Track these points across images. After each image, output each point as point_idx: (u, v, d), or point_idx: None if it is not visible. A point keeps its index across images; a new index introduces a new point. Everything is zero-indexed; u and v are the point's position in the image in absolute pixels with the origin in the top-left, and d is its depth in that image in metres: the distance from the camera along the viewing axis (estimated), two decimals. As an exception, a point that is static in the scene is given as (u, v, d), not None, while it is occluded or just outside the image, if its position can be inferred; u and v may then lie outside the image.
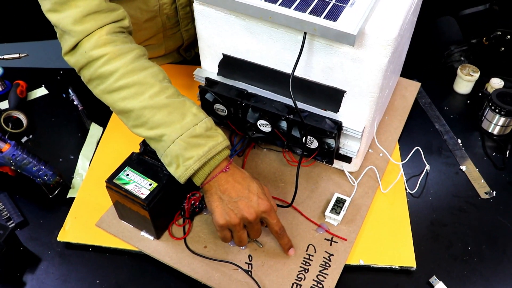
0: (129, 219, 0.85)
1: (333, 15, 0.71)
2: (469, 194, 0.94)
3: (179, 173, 0.76)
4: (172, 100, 0.78)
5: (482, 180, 0.96)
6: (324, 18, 0.71)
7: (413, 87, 1.13)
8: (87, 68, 0.81)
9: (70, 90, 1.12)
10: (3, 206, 0.90)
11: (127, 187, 0.78)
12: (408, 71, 1.12)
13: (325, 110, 0.84)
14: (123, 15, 0.84)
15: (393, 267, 0.82)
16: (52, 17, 0.81)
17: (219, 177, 0.77)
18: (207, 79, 0.91)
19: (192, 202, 0.85)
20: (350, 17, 0.71)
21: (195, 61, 1.20)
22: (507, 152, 1.01)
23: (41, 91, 1.15)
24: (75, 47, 0.81)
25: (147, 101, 0.77)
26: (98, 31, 0.80)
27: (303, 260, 0.82)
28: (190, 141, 0.75)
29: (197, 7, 0.83)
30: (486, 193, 0.94)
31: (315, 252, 0.83)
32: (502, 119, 1.02)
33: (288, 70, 0.82)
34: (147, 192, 0.77)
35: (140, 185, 0.78)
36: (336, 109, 0.83)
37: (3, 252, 0.78)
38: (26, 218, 0.90)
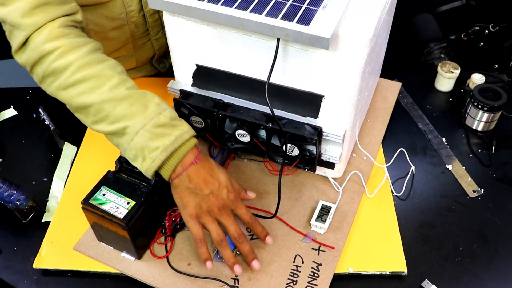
0: (108, 240, 0.82)
1: (306, 19, 0.69)
2: (457, 193, 0.93)
3: (146, 166, 0.73)
4: (132, 91, 0.75)
5: (469, 178, 0.95)
6: (296, 22, 0.69)
7: (394, 88, 1.12)
8: (40, 64, 0.77)
9: (40, 110, 1.09)
10: (-26, 235, 0.88)
11: (104, 207, 0.76)
12: (388, 72, 1.11)
13: (304, 116, 0.83)
14: (75, 9, 0.80)
15: (384, 273, 0.81)
16: None
17: (190, 170, 0.74)
18: (182, 91, 0.89)
19: (173, 218, 0.83)
20: (323, 20, 0.69)
21: (170, 73, 1.18)
22: (493, 148, 1.00)
23: (10, 112, 1.12)
24: (25, 42, 0.77)
25: (107, 94, 0.74)
26: (50, 24, 0.76)
27: (291, 272, 0.80)
28: (155, 131, 0.72)
29: (167, 18, 0.81)
30: (474, 191, 0.93)
31: (303, 262, 0.81)
32: (486, 115, 1.01)
33: (264, 78, 0.80)
34: (125, 212, 0.75)
35: (117, 205, 0.76)
36: (315, 115, 0.82)
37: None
38: (-1, 246, 0.87)
